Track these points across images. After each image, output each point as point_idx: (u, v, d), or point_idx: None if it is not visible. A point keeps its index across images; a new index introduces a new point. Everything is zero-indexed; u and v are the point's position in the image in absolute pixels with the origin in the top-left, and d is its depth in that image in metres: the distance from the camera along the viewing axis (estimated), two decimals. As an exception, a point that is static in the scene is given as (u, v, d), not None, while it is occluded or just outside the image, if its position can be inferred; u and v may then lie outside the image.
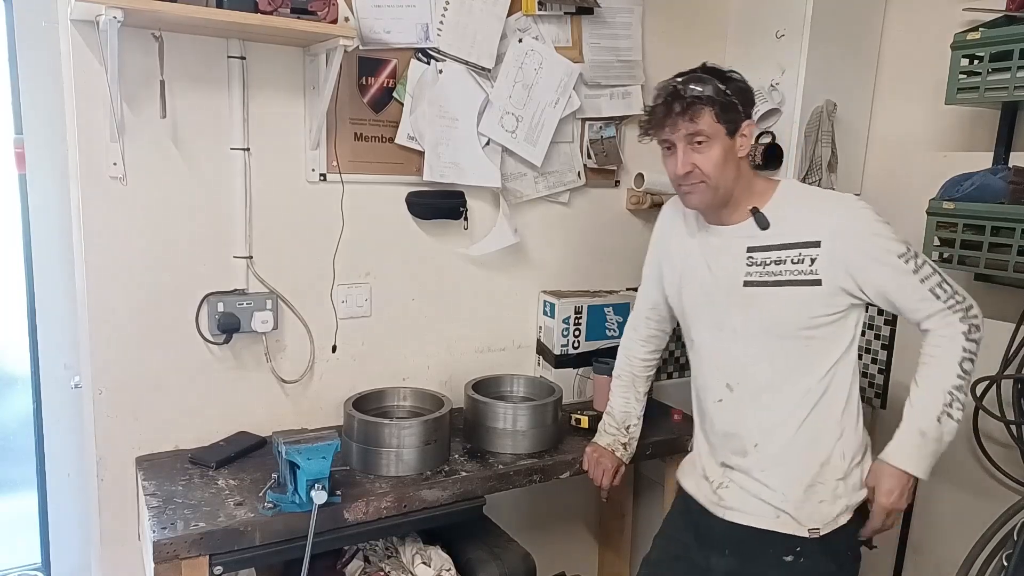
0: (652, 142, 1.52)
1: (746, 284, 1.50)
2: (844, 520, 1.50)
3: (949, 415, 1.43)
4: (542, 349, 2.33)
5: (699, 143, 1.44)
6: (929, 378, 1.46)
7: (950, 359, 1.43)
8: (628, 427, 1.86)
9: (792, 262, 1.46)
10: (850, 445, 1.51)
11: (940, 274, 1.45)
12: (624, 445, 1.85)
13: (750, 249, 1.50)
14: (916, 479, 1.47)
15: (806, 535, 1.49)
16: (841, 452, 1.50)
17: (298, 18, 1.65)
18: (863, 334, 2.44)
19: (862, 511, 1.52)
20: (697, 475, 1.65)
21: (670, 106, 1.44)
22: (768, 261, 1.48)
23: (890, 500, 1.46)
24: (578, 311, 2.27)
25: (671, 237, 1.69)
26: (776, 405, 1.51)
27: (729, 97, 1.45)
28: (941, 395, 1.43)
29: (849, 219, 1.44)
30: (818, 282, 1.44)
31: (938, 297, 1.43)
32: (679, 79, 1.47)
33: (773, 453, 1.52)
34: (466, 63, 2.05)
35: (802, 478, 1.50)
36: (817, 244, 1.44)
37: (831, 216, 1.45)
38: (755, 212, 1.50)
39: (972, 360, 1.43)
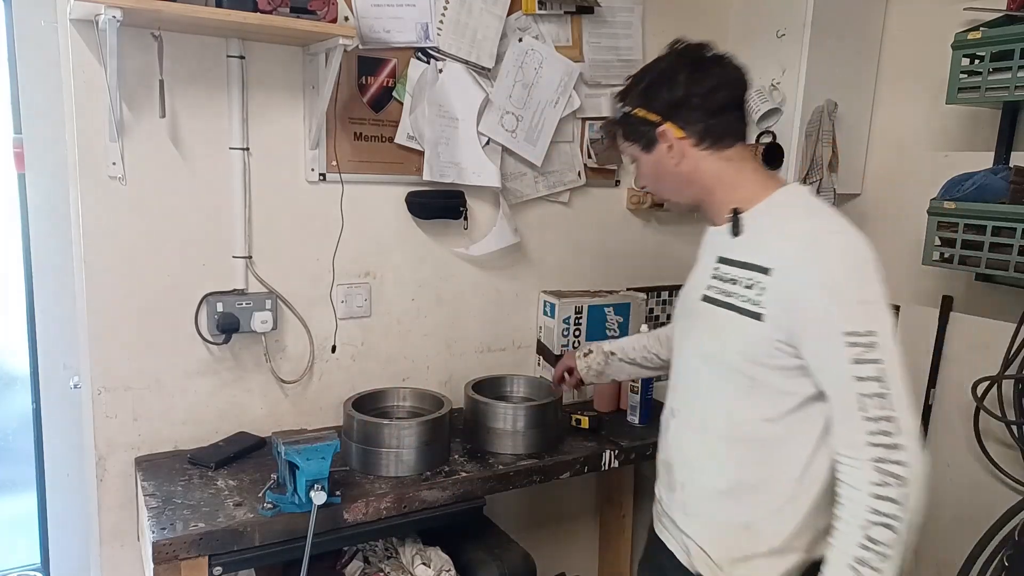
0: None
1: (704, 299, 1.28)
2: None
3: None
4: (542, 349, 2.33)
5: (632, 161, 1.37)
6: (835, 534, 1.12)
7: (854, 521, 1.09)
8: (611, 352, 1.79)
9: (744, 285, 1.20)
10: (792, 520, 1.21)
11: (890, 388, 1.06)
12: (590, 368, 1.80)
13: (720, 259, 1.27)
14: None
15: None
16: (777, 532, 1.21)
17: (298, 17, 1.65)
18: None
19: None
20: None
21: (603, 131, 1.42)
22: (727, 277, 1.24)
23: None
24: (578, 311, 2.26)
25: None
26: (706, 443, 1.27)
27: (629, 115, 1.29)
28: (841, 568, 1.09)
29: (809, 254, 1.14)
30: (759, 316, 1.17)
31: (863, 412, 1.07)
32: None
33: (695, 499, 1.29)
34: (466, 62, 2.05)
35: (727, 539, 1.25)
36: (766, 271, 1.17)
37: (793, 243, 1.16)
38: (733, 214, 1.25)
39: (890, 526, 1.05)
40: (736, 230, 1.24)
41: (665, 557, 1.37)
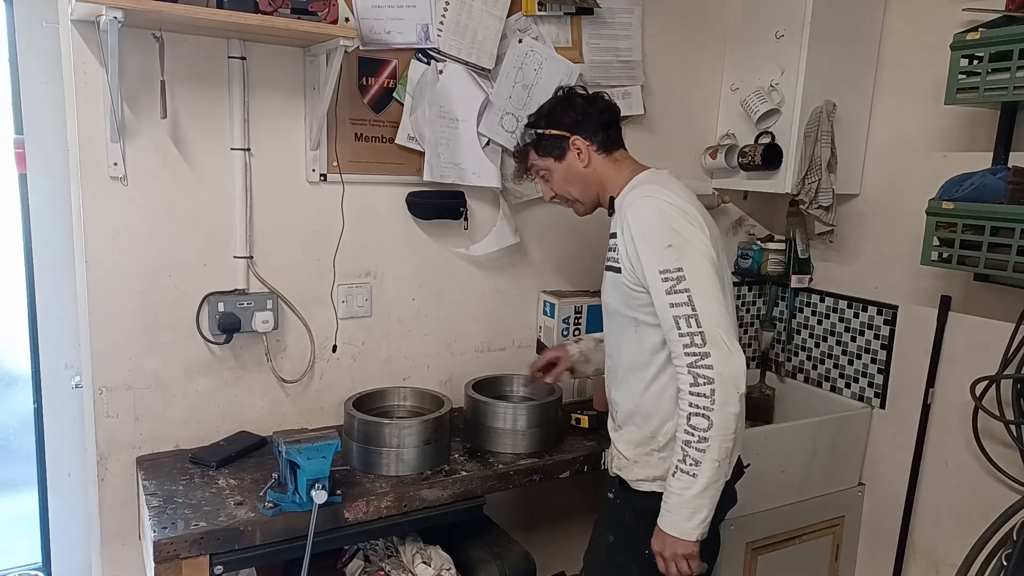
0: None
1: (605, 268, 1.61)
2: (646, 487, 1.56)
3: (683, 471, 1.40)
4: (542, 349, 2.33)
5: (543, 177, 1.69)
6: (677, 426, 1.44)
7: (681, 413, 1.40)
8: (600, 340, 1.88)
9: (612, 249, 1.55)
10: (672, 426, 1.51)
11: (698, 310, 1.37)
12: (582, 351, 1.93)
13: (610, 236, 1.59)
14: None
15: (613, 476, 1.65)
16: (666, 431, 1.53)
17: (298, 18, 1.66)
18: (861, 332, 2.45)
19: None
20: None
21: (515, 157, 1.77)
22: (609, 247, 1.58)
23: (659, 553, 1.47)
24: (578, 311, 2.27)
25: None
26: (622, 379, 1.62)
27: (542, 134, 1.64)
28: (677, 450, 1.41)
29: (632, 217, 1.47)
30: (619, 269, 1.52)
31: (678, 330, 1.38)
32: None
33: (620, 420, 1.64)
34: (466, 63, 2.06)
35: (635, 442, 1.59)
36: (616, 235, 1.53)
37: (626, 210, 1.50)
38: (611, 200, 1.62)
39: (704, 415, 1.36)
40: (611, 210, 1.61)
41: (606, 475, 1.73)
